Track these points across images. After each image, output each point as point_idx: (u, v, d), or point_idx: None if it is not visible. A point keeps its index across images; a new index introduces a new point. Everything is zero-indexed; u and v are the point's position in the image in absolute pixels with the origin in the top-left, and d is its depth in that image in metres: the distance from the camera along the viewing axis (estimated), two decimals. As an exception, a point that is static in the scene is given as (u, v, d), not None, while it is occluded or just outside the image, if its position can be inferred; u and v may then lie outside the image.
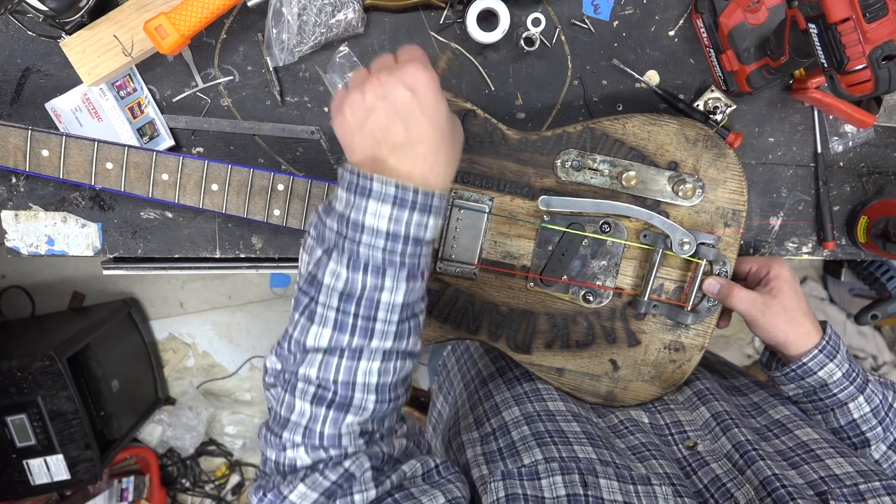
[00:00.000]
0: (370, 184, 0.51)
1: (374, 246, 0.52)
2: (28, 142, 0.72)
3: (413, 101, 0.53)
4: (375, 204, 0.51)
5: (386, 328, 0.54)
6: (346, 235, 0.52)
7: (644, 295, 0.77)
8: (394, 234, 0.52)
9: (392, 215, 0.51)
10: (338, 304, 0.52)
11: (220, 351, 2.17)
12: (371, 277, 0.52)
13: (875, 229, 0.86)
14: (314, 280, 0.53)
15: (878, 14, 0.56)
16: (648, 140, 0.76)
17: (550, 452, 0.61)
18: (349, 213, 0.52)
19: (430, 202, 0.53)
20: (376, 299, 0.52)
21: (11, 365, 1.58)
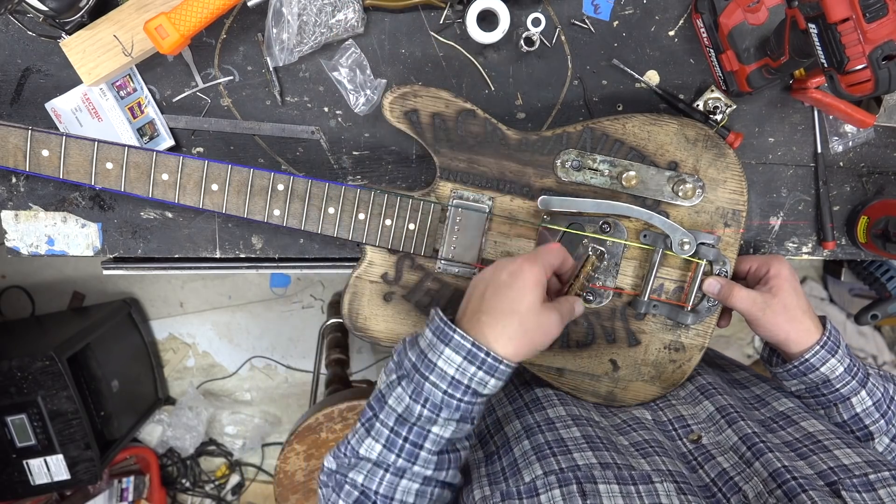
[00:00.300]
0: (452, 334, 0.60)
1: (437, 386, 0.59)
2: (28, 142, 0.72)
3: (508, 284, 0.62)
4: (451, 352, 0.60)
5: (429, 457, 0.61)
6: (419, 370, 0.60)
7: (644, 295, 0.77)
8: (457, 382, 0.59)
9: (460, 365, 0.59)
10: (393, 425, 0.61)
11: (220, 351, 2.17)
12: (427, 411, 0.60)
13: (875, 229, 0.86)
14: (382, 398, 0.62)
15: (878, 14, 0.56)
16: (648, 140, 0.76)
17: (549, 465, 0.61)
18: (428, 353, 0.61)
19: (497, 366, 0.60)
20: (427, 430, 0.60)
21: (11, 365, 1.58)
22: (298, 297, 2.15)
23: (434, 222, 0.76)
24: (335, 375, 1.56)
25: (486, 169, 0.76)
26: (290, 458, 1.32)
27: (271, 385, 2.21)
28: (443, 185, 0.76)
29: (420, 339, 0.63)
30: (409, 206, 0.76)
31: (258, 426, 2.18)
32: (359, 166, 0.85)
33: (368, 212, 0.75)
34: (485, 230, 0.76)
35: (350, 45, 0.79)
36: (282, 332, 2.17)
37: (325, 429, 1.30)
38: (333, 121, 0.83)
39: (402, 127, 0.75)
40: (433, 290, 0.78)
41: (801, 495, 0.55)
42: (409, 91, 0.74)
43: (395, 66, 0.82)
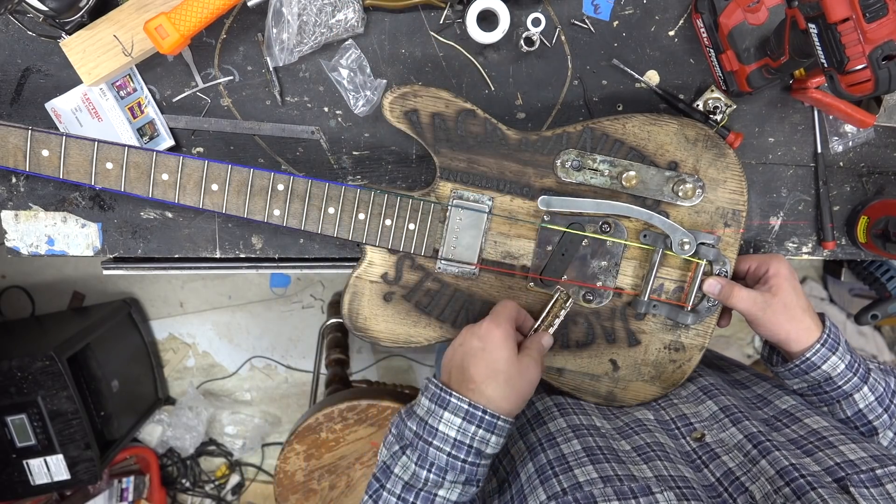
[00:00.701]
0: (449, 398, 0.63)
1: (441, 449, 0.62)
2: (28, 142, 0.72)
3: (482, 348, 0.66)
4: (450, 415, 0.62)
5: None
6: (421, 436, 0.63)
7: (644, 295, 0.77)
8: (460, 443, 0.62)
9: (461, 427, 0.62)
10: (400, 492, 0.63)
11: (220, 351, 2.17)
12: (433, 475, 0.62)
13: (875, 229, 0.86)
14: (387, 469, 0.64)
15: (878, 14, 0.56)
16: (648, 140, 0.76)
17: (552, 488, 0.61)
18: (428, 419, 0.63)
19: (495, 422, 0.63)
20: (433, 493, 0.63)
21: (11, 365, 1.58)
22: (298, 297, 2.15)
23: (434, 222, 0.76)
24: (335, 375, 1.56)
25: (486, 169, 0.76)
26: (290, 458, 1.32)
27: (271, 385, 2.21)
28: (443, 185, 0.76)
29: (417, 408, 0.66)
30: (409, 206, 0.76)
31: (258, 426, 2.18)
32: (359, 166, 0.85)
33: (368, 212, 0.75)
34: (485, 230, 0.76)
35: (350, 45, 0.79)
36: (282, 332, 2.17)
37: (325, 429, 1.30)
38: (333, 121, 0.83)
39: (402, 127, 0.75)
40: (433, 290, 0.78)
41: (810, 493, 0.55)
42: (409, 91, 0.74)
43: (395, 66, 0.82)
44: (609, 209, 0.75)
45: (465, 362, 0.66)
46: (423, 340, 0.79)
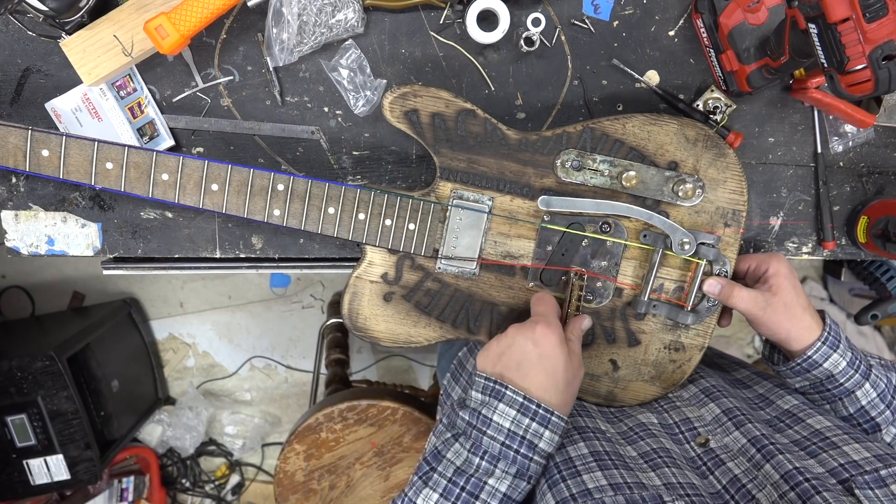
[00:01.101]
0: (504, 391, 0.65)
1: (495, 438, 0.63)
2: (28, 142, 0.72)
3: (542, 355, 0.66)
4: (505, 406, 0.64)
5: None
6: (475, 426, 0.64)
7: (644, 295, 0.77)
8: (513, 434, 0.63)
9: (515, 418, 0.64)
10: (451, 476, 0.63)
11: (220, 351, 2.17)
12: (486, 462, 0.63)
13: (875, 229, 0.86)
14: (438, 454, 0.65)
15: (878, 14, 0.56)
16: (648, 140, 0.76)
17: (560, 493, 0.61)
18: (482, 410, 0.65)
19: (549, 417, 0.64)
20: (483, 482, 0.63)
21: (11, 365, 1.58)
22: (298, 297, 2.15)
23: (434, 222, 0.76)
24: (335, 375, 1.56)
25: (486, 169, 0.76)
26: (290, 458, 1.32)
27: (271, 385, 2.21)
28: (443, 185, 0.76)
29: (469, 401, 0.67)
30: (409, 206, 0.76)
31: (258, 426, 2.18)
32: (359, 166, 0.85)
33: (368, 212, 0.75)
34: (485, 230, 0.76)
35: (350, 45, 0.79)
36: (282, 332, 2.17)
37: (325, 429, 1.30)
38: (333, 121, 0.83)
39: (402, 127, 0.75)
40: (433, 290, 0.78)
41: (815, 497, 0.55)
42: (409, 91, 0.74)
43: (395, 66, 0.82)
44: (609, 209, 0.75)
45: (520, 368, 0.66)
46: (423, 340, 0.79)
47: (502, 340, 0.69)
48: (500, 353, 0.68)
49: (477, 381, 0.67)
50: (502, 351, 0.68)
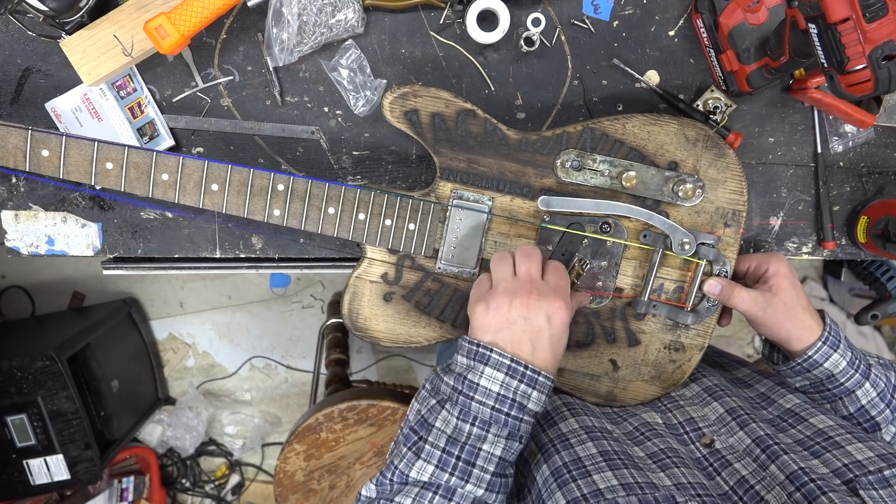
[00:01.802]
0: (489, 353, 0.63)
1: (484, 403, 0.62)
2: (28, 142, 0.72)
3: (549, 328, 0.65)
4: (492, 370, 0.62)
5: (482, 475, 0.61)
6: (461, 391, 0.62)
7: (644, 295, 0.77)
8: (503, 397, 0.62)
9: (503, 381, 0.62)
10: (444, 446, 0.61)
11: (220, 351, 2.17)
12: (477, 429, 0.62)
13: (875, 229, 0.86)
14: (425, 423, 0.63)
15: (878, 14, 0.56)
16: (648, 140, 0.76)
17: (571, 493, 0.60)
18: (467, 374, 0.63)
19: (536, 378, 0.63)
20: (478, 448, 0.61)
21: (11, 365, 1.58)
22: (298, 297, 2.15)
23: (434, 222, 0.76)
24: (335, 375, 1.56)
25: (485, 169, 0.76)
26: (290, 458, 1.32)
27: (271, 385, 2.21)
28: (443, 185, 0.76)
29: (453, 366, 0.65)
30: (409, 206, 0.76)
31: (258, 426, 2.18)
32: (359, 166, 0.85)
33: (368, 212, 0.75)
34: (485, 230, 0.76)
35: (350, 45, 0.79)
36: (282, 332, 2.17)
37: (325, 429, 1.30)
38: (333, 121, 0.83)
39: (402, 127, 0.75)
40: (433, 290, 0.78)
41: (821, 497, 0.55)
42: (409, 91, 0.74)
43: (395, 66, 0.82)
44: (609, 209, 0.75)
45: (523, 338, 0.64)
46: (423, 340, 0.79)
47: (511, 311, 0.64)
48: (508, 320, 0.64)
49: (462, 345, 0.65)
50: (513, 320, 0.64)
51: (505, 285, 0.66)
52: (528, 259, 0.68)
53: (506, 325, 0.64)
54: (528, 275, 0.67)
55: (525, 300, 0.64)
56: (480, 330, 0.65)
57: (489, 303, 0.65)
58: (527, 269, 0.68)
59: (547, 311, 0.64)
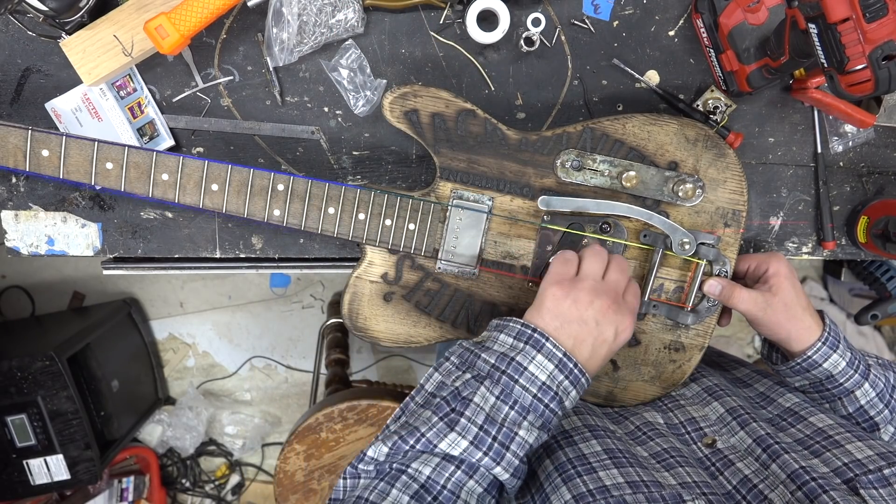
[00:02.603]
0: (545, 342, 0.62)
1: (528, 389, 0.61)
2: (28, 142, 0.72)
3: (612, 342, 0.66)
4: (543, 359, 0.62)
5: (512, 460, 0.60)
6: (504, 371, 0.61)
7: (644, 295, 0.77)
8: (546, 387, 0.61)
9: (552, 373, 0.61)
10: (482, 423, 0.59)
11: (220, 351, 2.17)
12: (515, 413, 0.60)
13: (875, 229, 0.86)
14: (459, 395, 0.60)
15: (878, 14, 0.56)
16: (648, 140, 0.76)
17: (577, 488, 0.59)
18: (515, 356, 0.62)
19: (580, 378, 0.63)
20: (514, 432, 0.60)
21: (11, 365, 1.58)
22: (298, 297, 2.15)
23: (434, 222, 0.76)
24: (335, 375, 1.56)
25: (485, 169, 0.76)
26: (290, 458, 1.32)
27: (271, 385, 2.21)
28: (443, 185, 0.76)
29: (491, 343, 0.64)
30: (409, 206, 0.76)
31: (258, 426, 2.18)
32: (359, 166, 0.85)
33: (368, 212, 0.75)
34: (485, 230, 0.76)
35: (350, 45, 0.79)
36: (282, 332, 2.17)
37: (325, 429, 1.30)
38: (333, 121, 0.83)
39: (401, 127, 0.75)
40: (433, 290, 0.78)
41: (822, 496, 0.55)
42: (409, 91, 0.74)
43: (395, 66, 0.82)
44: (609, 209, 0.75)
45: (585, 339, 0.64)
46: (423, 340, 0.79)
47: (588, 311, 0.65)
48: (580, 319, 0.65)
49: (511, 326, 0.64)
50: (585, 320, 0.65)
51: (593, 283, 0.66)
52: (620, 271, 0.69)
53: (577, 321, 0.64)
54: (615, 284, 0.68)
55: (606, 306, 0.65)
56: (550, 313, 0.65)
57: (570, 291, 0.65)
58: (616, 280, 0.68)
59: (618, 326, 0.65)
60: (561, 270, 0.68)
